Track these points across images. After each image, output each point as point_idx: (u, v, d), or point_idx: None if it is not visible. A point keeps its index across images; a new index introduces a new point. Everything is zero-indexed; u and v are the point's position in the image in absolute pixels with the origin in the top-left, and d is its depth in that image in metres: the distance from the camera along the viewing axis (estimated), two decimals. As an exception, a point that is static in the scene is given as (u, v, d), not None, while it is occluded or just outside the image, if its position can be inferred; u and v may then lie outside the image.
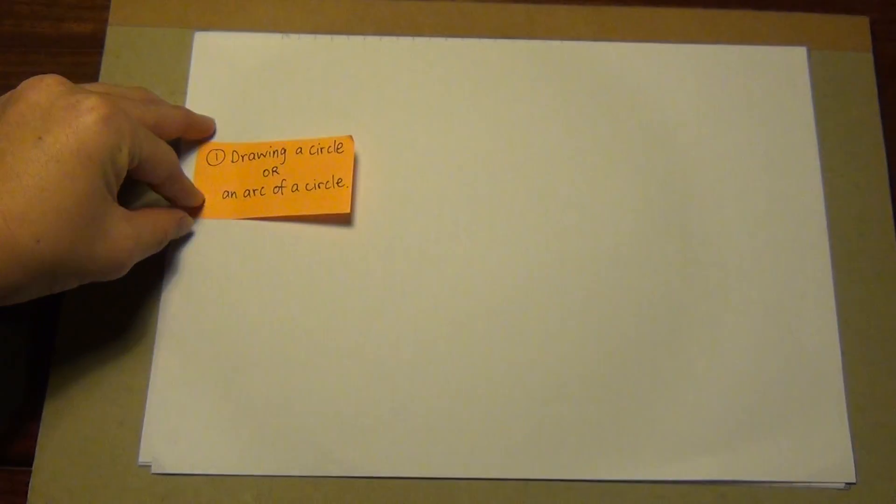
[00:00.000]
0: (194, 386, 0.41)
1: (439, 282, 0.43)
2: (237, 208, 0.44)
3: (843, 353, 0.42)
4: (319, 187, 0.43)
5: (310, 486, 0.40)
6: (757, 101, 0.46)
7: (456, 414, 0.41)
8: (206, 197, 0.44)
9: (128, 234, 0.37)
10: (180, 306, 0.42)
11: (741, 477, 0.40)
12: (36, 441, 0.40)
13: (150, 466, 0.40)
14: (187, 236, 0.43)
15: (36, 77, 0.36)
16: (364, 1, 0.48)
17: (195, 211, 0.43)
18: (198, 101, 0.45)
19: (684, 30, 0.48)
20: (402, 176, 0.45)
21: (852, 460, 0.40)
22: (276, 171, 0.44)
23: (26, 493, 0.39)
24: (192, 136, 0.44)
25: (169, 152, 0.40)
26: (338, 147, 0.44)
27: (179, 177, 0.41)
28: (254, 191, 0.44)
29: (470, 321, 0.42)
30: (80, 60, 0.47)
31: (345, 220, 0.44)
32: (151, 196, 0.43)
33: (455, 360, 0.42)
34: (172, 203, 0.42)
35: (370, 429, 0.40)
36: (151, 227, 0.39)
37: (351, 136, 0.44)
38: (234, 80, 0.46)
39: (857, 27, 0.48)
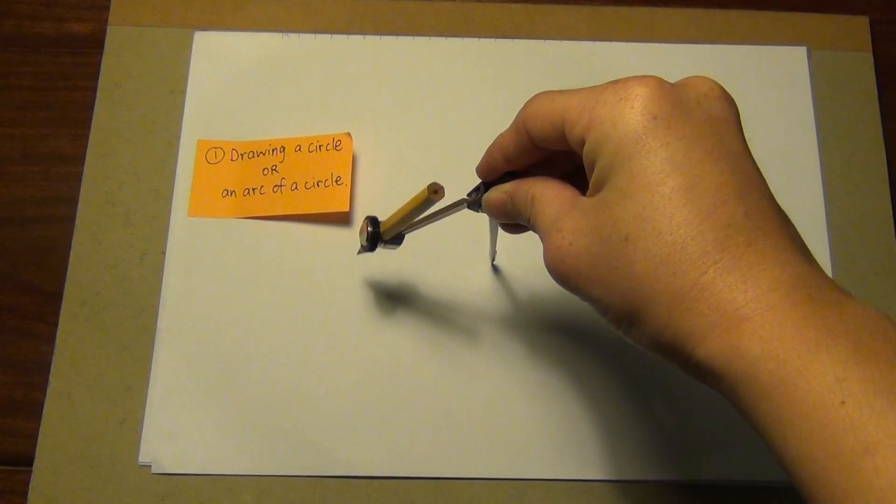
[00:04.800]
0: (194, 386, 0.41)
1: (439, 280, 0.43)
2: (237, 207, 0.44)
3: (843, 353, 0.42)
4: (318, 185, 0.43)
5: (310, 486, 0.40)
6: (757, 101, 0.46)
7: (455, 414, 0.41)
8: (206, 195, 0.44)
9: None
10: (180, 306, 0.42)
11: (741, 477, 0.40)
12: (36, 441, 0.40)
13: (150, 466, 0.40)
14: (187, 236, 0.43)
15: None
16: (364, 1, 0.48)
17: (195, 210, 0.44)
18: (198, 101, 0.45)
19: (684, 30, 0.48)
20: (401, 175, 0.45)
21: (852, 460, 0.40)
22: (275, 169, 0.44)
23: (26, 493, 0.39)
24: None
25: None
26: (336, 144, 0.44)
27: None
28: (253, 189, 0.44)
29: (470, 320, 0.42)
30: (80, 60, 0.47)
31: (344, 218, 0.44)
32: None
33: (455, 360, 0.42)
34: None
35: (370, 429, 0.40)
36: None
37: (349, 133, 0.44)
38: (234, 80, 0.46)
39: (857, 27, 0.48)
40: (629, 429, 0.41)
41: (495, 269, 0.43)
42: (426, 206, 0.35)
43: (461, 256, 0.43)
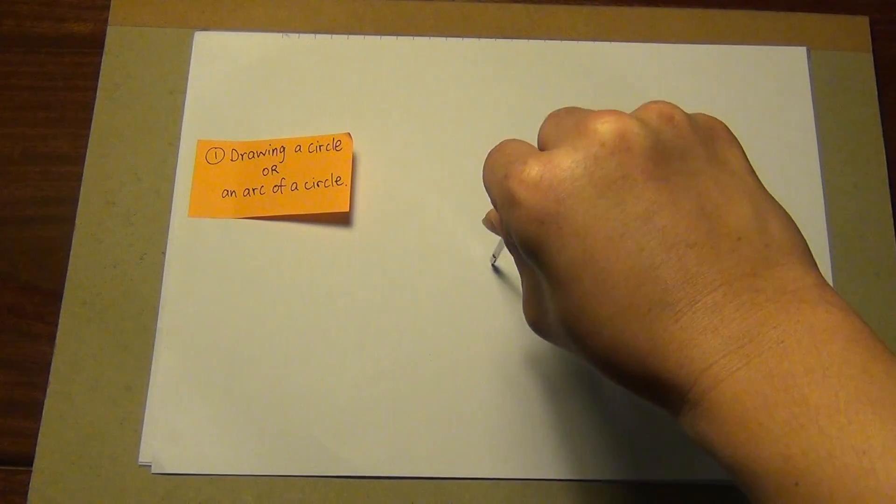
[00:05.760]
0: (194, 386, 0.41)
1: (438, 280, 0.43)
2: (237, 207, 0.44)
3: (843, 353, 0.42)
4: (318, 186, 0.43)
5: (310, 486, 0.40)
6: (757, 101, 0.46)
7: (456, 413, 0.41)
8: (206, 196, 0.44)
9: None
10: (180, 306, 0.42)
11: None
12: (36, 441, 0.40)
13: (150, 466, 0.40)
14: (187, 236, 0.43)
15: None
16: (364, 1, 0.48)
17: (195, 210, 0.44)
18: (198, 101, 0.45)
19: (684, 30, 0.48)
20: (401, 175, 0.45)
21: (852, 460, 0.40)
22: (275, 169, 0.44)
23: (26, 493, 0.39)
24: None
25: None
26: (336, 144, 0.44)
27: None
28: (253, 190, 0.44)
29: (470, 320, 0.42)
30: (80, 60, 0.47)
31: (344, 218, 0.44)
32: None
33: (455, 360, 0.42)
34: None
35: (370, 429, 0.40)
36: None
37: (349, 133, 0.44)
38: (234, 80, 0.46)
39: (857, 27, 0.48)
40: (632, 428, 0.41)
41: (495, 269, 0.43)
42: None
43: (461, 256, 0.43)
